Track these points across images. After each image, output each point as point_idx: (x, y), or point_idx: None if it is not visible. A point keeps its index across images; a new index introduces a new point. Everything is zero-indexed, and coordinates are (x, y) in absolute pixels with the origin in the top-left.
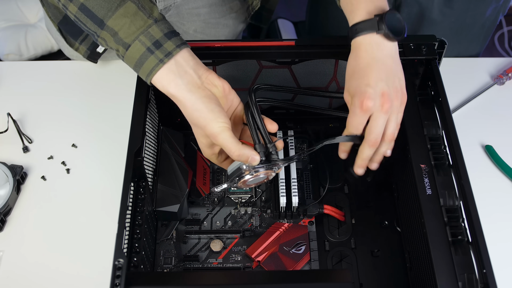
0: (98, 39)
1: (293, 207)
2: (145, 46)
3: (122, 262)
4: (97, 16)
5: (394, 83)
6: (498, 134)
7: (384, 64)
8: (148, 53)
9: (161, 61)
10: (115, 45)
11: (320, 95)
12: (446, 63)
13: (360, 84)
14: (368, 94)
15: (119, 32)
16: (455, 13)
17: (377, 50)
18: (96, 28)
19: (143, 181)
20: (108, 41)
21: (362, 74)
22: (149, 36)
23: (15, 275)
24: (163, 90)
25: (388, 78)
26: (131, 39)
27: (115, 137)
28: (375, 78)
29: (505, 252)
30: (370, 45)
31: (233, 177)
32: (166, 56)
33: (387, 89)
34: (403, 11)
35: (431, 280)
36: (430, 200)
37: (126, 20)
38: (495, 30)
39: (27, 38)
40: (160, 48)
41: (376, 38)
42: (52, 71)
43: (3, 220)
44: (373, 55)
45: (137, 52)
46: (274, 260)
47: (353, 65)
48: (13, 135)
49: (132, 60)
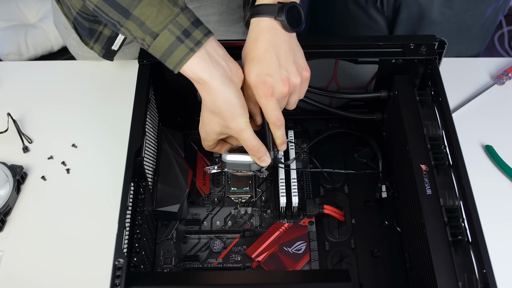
0: (121, 29)
1: (293, 207)
2: (174, 35)
3: (122, 262)
4: (121, 5)
5: (292, 66)
6: (498, 134)
7: (281, 49)
8: (178, 42)
9: (191, 50)
10: (142, 35)
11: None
12: (446, 63)
13: (261, 73)
14: (269, 83)
15: (146, 22)
16: (455, 13)
17: (274, 35)
18: (120, 17)
19: (143, 181)
20: (133, 30)
21: (261, 60)
22: (177, 25)
23: (15, 275)
24: (194, 77)
25: (287, 62)
26: (160, 28)
27: (115, 137)
28: (274, 66)
29: (505, 252)
30: (268, 30)
31: (237, 168)
32: (196, 45)
33: (286, 74)
34: (403, 11)
35: (431, 280)
36: (430, 200)
37: (153, 9)
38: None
39: (27, 38)
40: (190, 37)
41: (274, 23)
42: (52, 71)
43: (3, 220)
44: (270, 40)
45: (166, 41)
46: (274, 260)
47: (251, 47)
48: (13, 135)
49: (159, 49)
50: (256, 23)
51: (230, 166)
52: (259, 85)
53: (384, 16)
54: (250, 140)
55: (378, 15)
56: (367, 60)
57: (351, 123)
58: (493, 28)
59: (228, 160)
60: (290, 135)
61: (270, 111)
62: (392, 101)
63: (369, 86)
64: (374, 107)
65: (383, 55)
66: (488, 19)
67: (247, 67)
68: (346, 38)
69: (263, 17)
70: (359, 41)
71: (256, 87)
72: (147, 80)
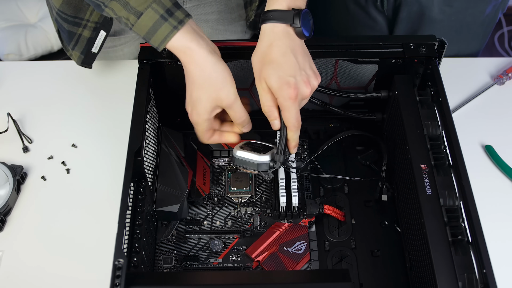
0: (106, 9)
1: (293, 207)
2: (158, 14)
3: (122, 262)
4: None
5: (309, 69)
6: (498, 134)
7: (298, 53)
8: (162, 20)
9: (175, 28)
10: (126, 14)
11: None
12: (446, 63)
13: (283, 75)
14: (293, 85)
15: (130, 1)
16: (455, 11)
17: (290, 40)
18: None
19: (143, 181)
20: (117, 10)
21: (281, 63)
22: (161, 4)
23: (15, 275)
24: (182, 47)
25: (305, 66)
26: (143, 7)
27: (115, 137)
28: (295, 68)
29: (505, 252)
30: (283, 35)
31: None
32: (179, 23)
33: (305, 77)
34: (403, 10)
35: (431, 280)
36: (430, 200)
37: None
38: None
39: (27, 38)
40: (173, 16)
41: (289, 30)
42: (52, 71)
43: (3, 220)
44: (287, 44)
45: (150, 19)
46: (274, 260)
47: (266, 52)
48: (13, 135)
49: (143, 28)
50: (271, 29)
51: (238, 162)
52: (284, 87)
53: (384, 16)
54: (240, 111)
55: (378, 14)
56: (367, 60)
57: (351, 123)
58: (492, 26)
59: (238, 156)
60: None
61: (294, 113)
62: (392, 101)
63: (369, 86)
64: (374, 107)
65: (383, 55)
66: (487, 16)
67: (266, 71)
68: (346, 38)
69: (278, 23)
70: (359, 41)
71: (280, 89)
72: (147, 80)
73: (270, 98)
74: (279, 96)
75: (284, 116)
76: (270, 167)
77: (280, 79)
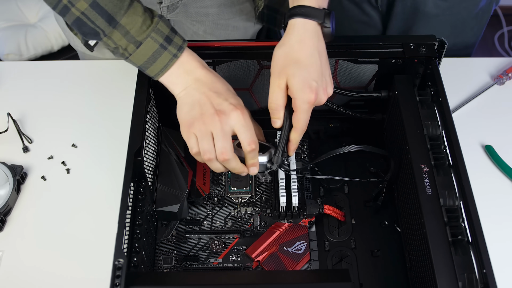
0: (104, 38)
1: (293, 207)
2: (157, 43)
3: (122, 262)
4: (109, 14)
5: (328, 76)
6: (498, 134)
7: (323, 57)
8: (161, 49)
9: (175, 56)
10: (125, 43)
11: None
12: (446, 63)
13: (308, 78)
14: (315, 89)
15: (131, 31)
16: (449, 5)
17: (318, 41)
18: (105, 26)
19: (143, 181)
20: (117, 39)
21: (308, 65)
22: (159, 33)
23: (15, 275)
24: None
25: (326, 71)
26: (143, 37)
27: (115, 137)
28: (318, 73)
29: (505, 252)
30: (314, 34)
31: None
32: (179, 50)
33: (324, 84)
34: (397, 5)
35: (431, 280)
36: (430, 200)
37: (139, 18)
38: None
39: (27, 38)
40: (172, 43)
41: (319, 29)
42: (52, 71)
43: (3, 220)
44: (316, 46)
45: (150, 49)
46: (274, 260)
47: (295, 48)
48: (13, 135)
49: (142, 57)
50: (302, 25)
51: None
52: (306, 90)
53: (378, 11)
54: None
55: (372, 10)
56: (367, 60)
57: (351, 123)
58: (487, 19)
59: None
60: None
61: (307, 117)
62: (392, 101)
63: (369, 86)
64: (374, 107)
65: (383, 55)
66: (481, 9)
67: (291, 69)
68: (346, 38)
69: (310, 20)
70: (359, 41)
71: (301, 91)
72: (147, 80)
73: (282, 97)
74: (298, 98)
75: (296, 117)
76: (266, 168)
77: (304, 81)
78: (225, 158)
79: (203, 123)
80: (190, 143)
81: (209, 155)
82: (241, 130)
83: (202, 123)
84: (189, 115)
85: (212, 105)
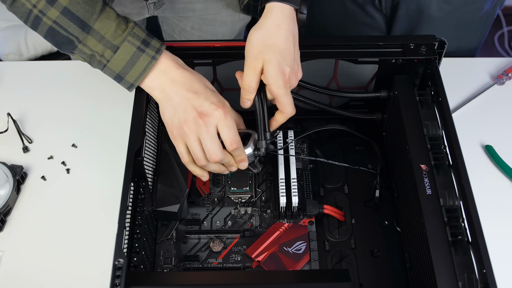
0: (79, 46)
1: (293, 207)
2: (135, 46)
3: (122, 262)
4: (81, 19)
5: (298, 60)
6: (498, 134)
7: (296, 41)
8: (139, 52)
9: (153, 58)
10: (102, 49)
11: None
12: (446, 63)
13: (282, 63)
14: (288, 74)
15: (106, 35)
16: (453, 8)
17: (294, 26)
18: (79, 32)
19: (143, 181)
20: (92, 45)
21: (283, 49)
22: (136, 36)
23: (15, 275)
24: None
25: (297, 56)
26: (120, 41)
27: (115, 137)
28: (291, 57)
29: (505, 252)
30: (290, 19)
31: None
32: (157, 52)
33: (296, 67)
34: (401, 8)
35: (431, 280)
36: (430, 200)
37: (112, 23)
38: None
39: (27, 38)
40: (149, 46)
41: (294, 14)
42: (52, 71)
43: (3, 220)
44: (291, 30)
45: (127, 53)
46: (274, 260)
47: (272, 33)
48: (13, 135)
49: (120, 62)
50: (280, 9)
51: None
52: (280, 75)
53: (382, 14)
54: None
55: (376, 12)
56: (367, 60)
57: (351, 123)
58: (491, 22)
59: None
60: (290, 135)
61: (291, 100)
62: (392, 101)
63: (369, 86)
64: (374, 107)
65: (383, 55)
66: (486, 13)
67: (268, 54)
68: (346, 38)
69: (288, 5)
70: (359, 41)
71: (276, 76)
72: None
73: (256, 80)
74: (273, 83)
75: (280, 103)
76: (255, 156)
77: (279, 66)
78: (216, 159)
79: (188, 129)
80: (180, 152)
81: (202, 162)
82: (223, 130)
83: (188, 129)
84: (173, 121)
85: (194, 107)
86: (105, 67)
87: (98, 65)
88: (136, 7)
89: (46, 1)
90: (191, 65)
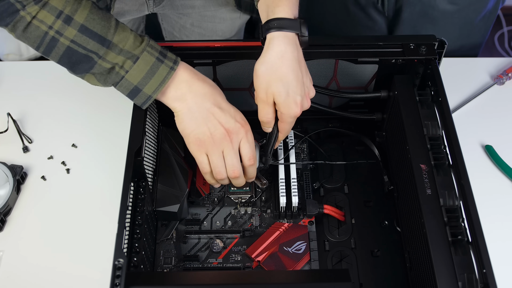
0: (98, 61)
1: (293, 207)
2: (154, 56)
3: (122, 262)
4: (99, 35)
5: (308, 81)
6: (498, 134)
7: (302, 65)
8: (158, 63)
9: (172, 69)
10: (122, 60)
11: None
12: (446, 63)
13: (291, 93)
14: (299, 102)
15: (125, 47)
16: (458, 8)
17: (298, 52)
18: (99, 47)
19: (143, 181)
20: (112, 58)
21: (290, 80)
22: (153, 48)
23: (15, 275)
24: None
25: (306, 78)
26: (140, 51)
27: (115, 137)
28: (300, 84)
29: (505, 252)
30: (293, 46)
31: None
32: (175, 63)
33: (307, 91)
34: (405, 10)
35: (431, 280)
36: (430, 200)
37: (129, 35)
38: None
39: None
40: (167, 57)
41: (296, 39)
42: (52, 71)
43: (3, 220)
44: (296, 57)
45: (147, 63)
46: (274, 260)
47: (277, 66)
48: (13, 135)
49: (139, 73)
50: (282, 38)
51: None
52: (292, 106)
53: (384, 16)
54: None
55: (378, 15)
56: (367, 60)
57: (351, 123)
58: (493, 19)
59: None
60: (290, 135)
61: (291, 125)
62: (392, 101)
63: (369, 86)
64: (374, 107)
65: (383, 55)
66: (489, 10)
67: (276, 87)
68: (346, 38)
69: (288, 32)
70: (359, 41)
71: (288, 107)
72: None
73: (272, 111)
74: (285, 113)
75: (282, 126)
76: (261, 169)
77: (289, 97)
78: (236, 175)
79: (214, 143)
80: (201, 164)
81: (222, 175)
82: (245, 146)
83: (213, 143)
84: (197, 133)
85: (221, 124)
86: (122, 79)
87: (116, 78)
88: (136, 4)
89: (62, 20)
90: (191, 65)
